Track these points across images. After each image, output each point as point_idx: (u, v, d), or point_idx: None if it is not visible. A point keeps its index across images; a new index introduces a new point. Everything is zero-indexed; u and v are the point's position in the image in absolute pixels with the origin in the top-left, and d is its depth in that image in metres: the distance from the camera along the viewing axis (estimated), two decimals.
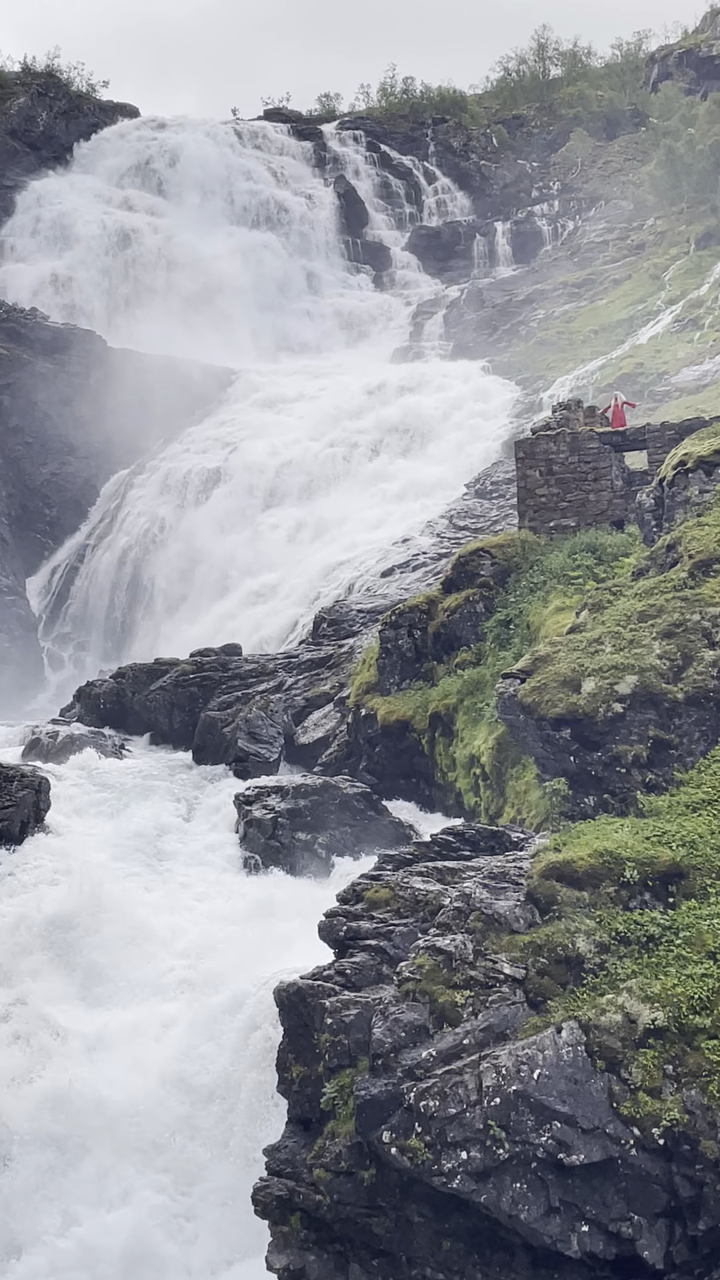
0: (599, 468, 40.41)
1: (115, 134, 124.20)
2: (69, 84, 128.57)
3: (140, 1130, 24.82)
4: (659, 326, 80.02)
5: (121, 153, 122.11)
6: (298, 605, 64.63)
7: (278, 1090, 21.63)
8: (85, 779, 41.20)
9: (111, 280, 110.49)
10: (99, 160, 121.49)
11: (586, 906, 21.14)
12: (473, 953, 20.49)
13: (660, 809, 24.43)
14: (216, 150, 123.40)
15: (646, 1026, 19.27)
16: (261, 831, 35.94)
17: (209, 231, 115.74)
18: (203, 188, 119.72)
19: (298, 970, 22.69)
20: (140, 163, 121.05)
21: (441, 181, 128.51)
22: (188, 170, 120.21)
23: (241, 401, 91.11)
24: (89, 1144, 24.73)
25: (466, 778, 35.89)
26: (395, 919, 22.16)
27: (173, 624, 73.93)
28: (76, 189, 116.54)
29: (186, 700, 49.54)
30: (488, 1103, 18.71)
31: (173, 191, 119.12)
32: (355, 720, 41.99)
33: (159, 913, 31.54)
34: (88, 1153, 24.63)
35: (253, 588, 70.32)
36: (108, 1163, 24.49)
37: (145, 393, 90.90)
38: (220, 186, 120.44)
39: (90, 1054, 26.42)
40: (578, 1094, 18.81)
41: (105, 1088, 25.53)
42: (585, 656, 27.68)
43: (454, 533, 62.32)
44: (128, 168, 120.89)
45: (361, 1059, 20.01)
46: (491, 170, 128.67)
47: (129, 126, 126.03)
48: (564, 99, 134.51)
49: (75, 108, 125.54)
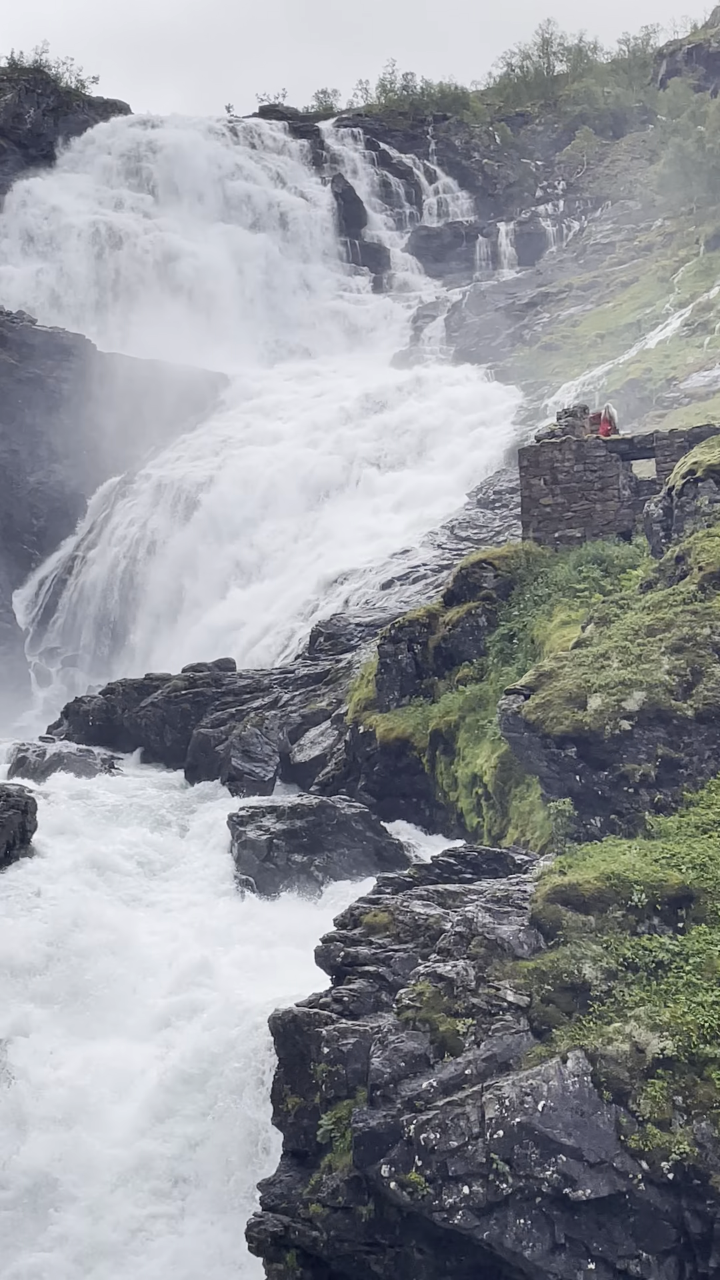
0: (605, 477, 40.45)
1: (105, 131, 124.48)
2: (57, 80, 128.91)
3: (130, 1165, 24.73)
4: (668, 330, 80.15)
5: (112, 151, 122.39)
6: (294, 619, 64.66)
7: (272, 1122, 21.58)
8: (73, 799, 41.15)
9: (101, 283, 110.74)
10: (89, 158, 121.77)
11: (593, 931, 21.12)
12: (475, 979, 20.46)
13: (669, 830, 24.41)
14: (210, 148, 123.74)
15: (655, 1056, 19.24)
16: (256, 853, 35.90)
17: (202, 232, 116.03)
18: (196, 187, 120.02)
19: (293, 998, 22.65)
20: (131, 161, 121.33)
21: (443, 181, 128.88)
22: (180, 169, 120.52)
23: (236, 408, 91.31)
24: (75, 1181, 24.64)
25: (468, 798, 35.87)
26: (394, 944, 22.14)
27: (164, 638, 73.98)
28: (65, 188, 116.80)
29: (179, 717, 49.54)
30: (490, 1135, 18.68)
31: (165, 191, 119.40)
32: (353, 738, 41.97)
33: (149, 938, 31.49)
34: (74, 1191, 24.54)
35: (247, 601, 70.34)
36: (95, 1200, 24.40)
37: (136, 399, 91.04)
38: (214, 186, 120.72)
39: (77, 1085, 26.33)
40: (584, 1126, 18.77)
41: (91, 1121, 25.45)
42: (591, 672, 27.67)
43: (455, 544, 62.38)
44: (118, 166, 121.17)
45: (360, 1090, 19.98)
46: (494, 169, 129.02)
47: (120, 124, 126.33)
48: (569, 96, 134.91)
49: (64, 104, 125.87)
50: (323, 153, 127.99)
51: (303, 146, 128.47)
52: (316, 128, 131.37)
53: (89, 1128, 25.33)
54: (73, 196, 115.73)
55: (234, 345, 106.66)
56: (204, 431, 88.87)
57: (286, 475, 79.16)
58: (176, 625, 74.16)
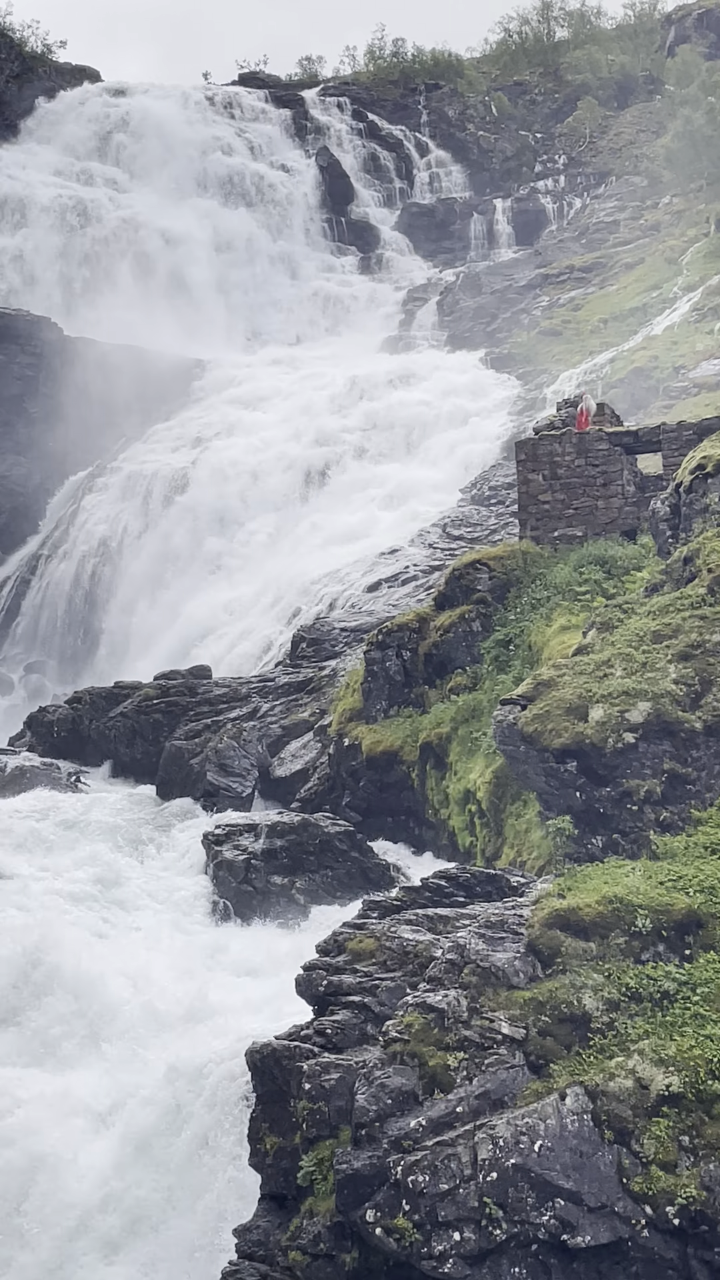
0: (608, 472, 40.54)
1: (73, 100, 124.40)
2: (22, 45, 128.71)
3: (93, 1207, 24.65)
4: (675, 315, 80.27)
5: (80, 121, 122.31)
6: (274, 623, 64.65)
7: (249, 1163, 21.56)
8: (36, 816, 41.09)
9: (68, 261, 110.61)
10: (55, 129, 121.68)
11: (594, 959, 21.15)
12: (467, 1010, 20.47)
13: (675, 850, 24.46)
14: (185, 118, 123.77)
15: (660, 1093, 19.26)
16: (233, 874, 35.91)
17: (177, 208, 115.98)
18: (170, 160, 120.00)
19: (272, 1030, 22.63)
20: (101, 132, 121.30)
21: (435, 154, 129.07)
22: (153, 140, 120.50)
23: (213, 396, 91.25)
24: (32, 1228, 24.56)
25: (461, 815, 35.90)
26: (381, 972, 22.14)
27: (135, 644, 73.87)
28: (30, 160, 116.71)
29: (150, 728, 49.54)
30: (483, 1178, 18.68)
31: (137, 164, 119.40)
32: (337, 751, 42.00)
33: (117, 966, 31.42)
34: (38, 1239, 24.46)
35: (224, 603, 70.28)
36: (55, 1247, 24.31)
37: (105, 386, 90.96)
38: (189, 158, 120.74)
39: (35, 1122, 26.23)
40: (583, 1168, 18.78)
41: (53, 1165, 25.36)
42: (593, 681, 27.72)
43: (448, 543, 62.44)
44: (87, 137, 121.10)
45: (343, 1129, 19.97)
46: (490, 142, 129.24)
47: (89, 92, 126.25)
48: (571, 64, 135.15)
49: (29, 70, 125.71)
50: (307, 124, 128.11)
51: (285, 117, 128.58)
52: (300, 97, 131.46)
53: (49, 1168, 25.26)
54: (37, 169, 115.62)
55: (211, 329, 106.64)
56: (179, 422, 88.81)
57: (267, 469, 79.14)
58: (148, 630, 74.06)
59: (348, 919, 24.57)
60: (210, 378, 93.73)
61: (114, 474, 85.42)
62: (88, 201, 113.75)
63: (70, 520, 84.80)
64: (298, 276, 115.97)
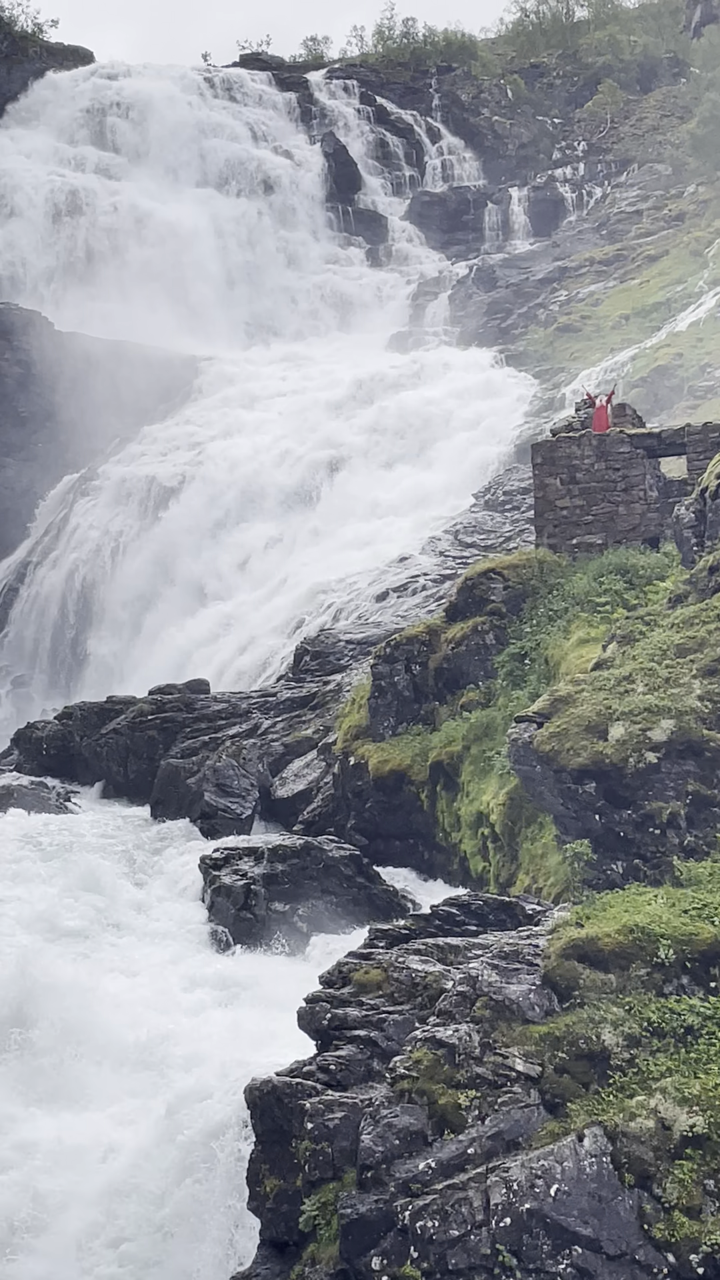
0: (630, 476, 40.56)
1: (65, 82, 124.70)
2: (11, 23, 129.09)
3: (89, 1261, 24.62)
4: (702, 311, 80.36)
5: (72, 104, 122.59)
6: (276, 634, 64.71)
7: (248, 1207, 21.53)
8: (23, 838, 41.13)
9: (59, 252, 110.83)
10: (46, 112, 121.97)
11: (614, 992, 21.13)
12: (479, 1046, 20.46)
13: (700, 877, 24.45)
14: (184, 101, 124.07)
15: (684, 1134, 19.24)
16: (232, 901, 35.90)
17: (174, 196, 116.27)
18: (168, 145, 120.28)
19: (273, 1066, 22.61)
20: (94, 116, 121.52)
21: (447, 140, 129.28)
22: (150, 125, 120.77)
23: (211, 395, 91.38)
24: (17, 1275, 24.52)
25: (473, 839, 35.91)
26: (388, 1005, 22.13)
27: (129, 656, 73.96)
28: (19, 145, 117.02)
29: (144, 746, 49.61)
30: (496, 1223, 18.66)
31: (132, 149, 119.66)
32: (343, 770, 42.01)
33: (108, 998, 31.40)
34: None
35: (223, 614, 70.37)
36: None
37: (99, 384, 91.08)
38: (188, 144, 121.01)
39: (24, 1170, 26.18)
40: (602, 1213, 18.76)
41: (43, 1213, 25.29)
42: (613, 697, 27.73)
43: (460, 551, 62.50)
44: (79, 121, 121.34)
45: (348, 1171, 19.95)
46: (505, 128, 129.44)
47: (82, 73, 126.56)
48: (591, 45, 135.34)
49: (19, 50, 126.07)
50: (312, 108, 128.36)
51: (289, 100, 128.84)
52: (305, 79, 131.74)
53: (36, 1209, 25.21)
54: (27, 155, 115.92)
55: (210, 325, 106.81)
56: (175, 422, 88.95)
57: (269, 473, 79.24)
58: (143, 641, 74.15)
59: (353, 948, 24.55)
60: (209, 375, 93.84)
61: (107, 477, 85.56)
62: (80, 189, 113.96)
63: (61, 526, 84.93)
64: (302, 269, 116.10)
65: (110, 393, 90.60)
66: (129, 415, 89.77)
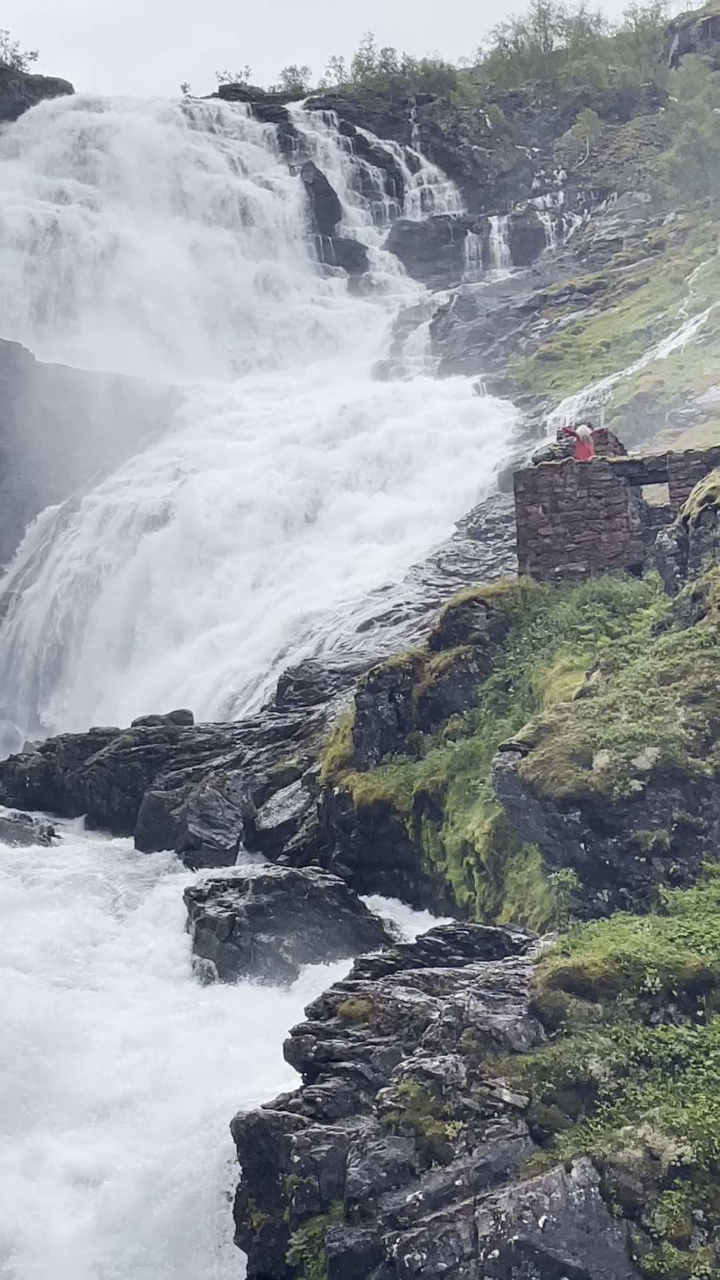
0: (612, 504, 40.64)
1: (45, 114, 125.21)
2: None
3: None
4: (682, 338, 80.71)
5: (53, 135, 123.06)
6: (259, 664, 64.67)
7: (235, 1242, 21.45)
8: (5, 871, 40.98)
9: (40, 284, 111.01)
10: (26, 144, 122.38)
11: (600, 1021, 21.11)
12: (466, 1077, 20.42)
13: (686, 905, 24.44)
14: (164, 133, 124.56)
15: (672, 1164, 19.21)
16: (216, 933, 35.80)
17: (155, 227, 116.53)
18: (148, 176, 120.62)
19: (259, 1098, 22.55)
20: (75, 147, 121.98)
21: (427, 170, 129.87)
22: (130, 156, 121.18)
23: (193, 426, 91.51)
24: None
25: (458, 868, 35.86)
26: (375, 1036, 22.09)
27: (112, 688, 73.85)
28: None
29: (128, 777, 49.49)
30: (485, 1255, 18.60)
31: (112, 181, 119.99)
32: (327, 800, 41.95)
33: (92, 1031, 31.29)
34: None
35: (206, 645, 70.34)
36: None
37: (80, 416, 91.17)
38: (168, 175, 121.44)
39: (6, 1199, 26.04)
40: (591, 1245, 18.71)
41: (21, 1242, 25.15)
42: (598, 725, 27.74)
43: (443, 579, 62.56)
44: (60, 153, 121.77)
45: (335, 1204, 19.89)
46: (485, 157, 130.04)
47: (62, 105, 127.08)
48: (569, 74, 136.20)
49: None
50: (291, 138, 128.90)
51: (269, 131, 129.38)
52: (284, 110, 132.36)
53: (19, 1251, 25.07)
54: (7, 187, 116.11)
55: (192, 355, 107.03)
56: (158, 453, 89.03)
57: (251, 502, 79.30)
58: (126, 673, 74.06)
59: (339, 979, 24.55)
60: (191, 405, 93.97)
61: (90, 508, 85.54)
62: (60, 220, 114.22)
63: (43, 557, 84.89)
64: (283, 298, 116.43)
65: (92, 424, 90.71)
66: (111, 446, 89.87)
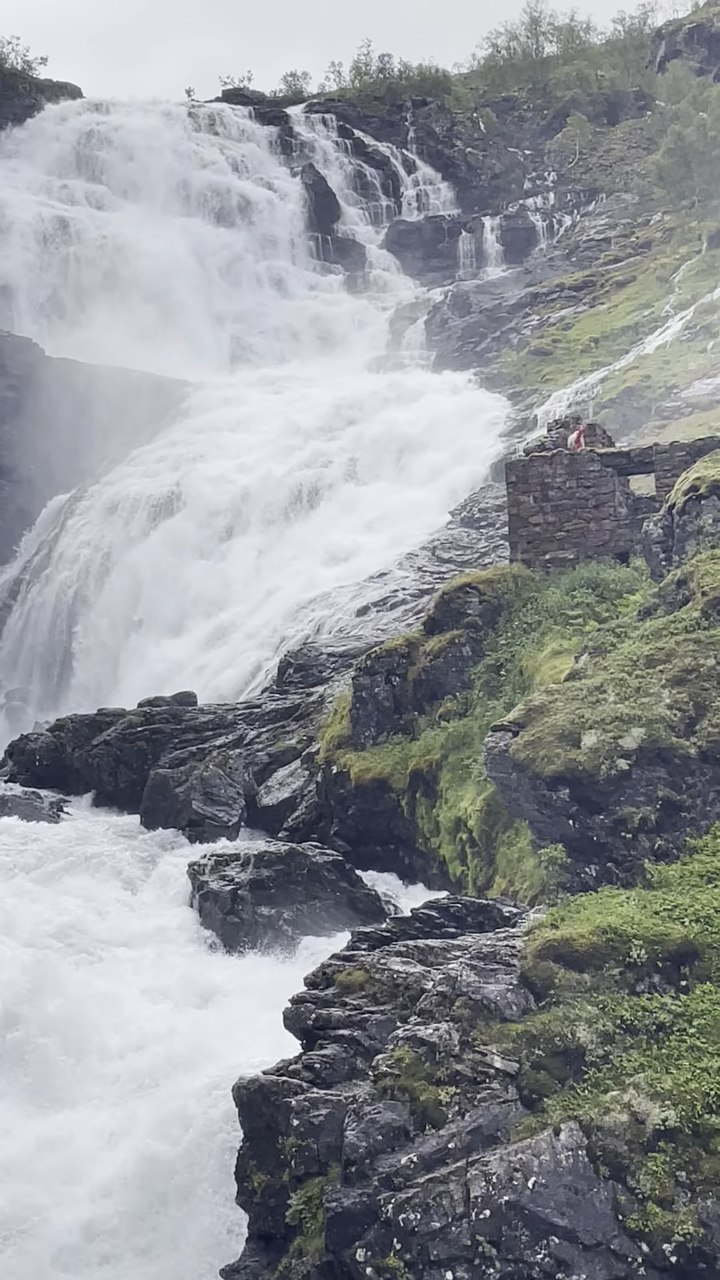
0: (600, 493, 40.61)
1: (54, 116, 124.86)
2: (2, 61, 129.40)
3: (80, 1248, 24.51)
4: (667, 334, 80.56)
5: (61, 137, 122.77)
6: (261, 648, 64.65)
7: (237, 1202, 21.46)
8: (17, 846, 40.99)
9: (49, 281, 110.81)
10: (35, 146, 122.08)
11: (588, 991, 21.12)
12: (459, 1044, 20.43)
13: (671, 879, 24.45)
14: (169, 135, 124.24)
15: (656, 1127, 19.22)
16: (219, 906, 35.82)
17: (160, 226, 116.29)
18: (153, 177, 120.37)
19: (259, 1065, 22.56)
20: (82, 149, 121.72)
21: (422, 171, 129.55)
22: (136, 157, 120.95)
23: (197, 418, 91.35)
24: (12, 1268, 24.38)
25: (451, 844, 35.86)
26: (371, 1005, 22.09)
27: (119, 670, 73.82)
28: (9, 178, 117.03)
29: (134, 756, 49.48)
30: (476, 1215, 18.62)
31: (119, 181, 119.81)
32: (325, 779, 41.96)
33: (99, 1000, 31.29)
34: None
35: (210, 629, 70.31)
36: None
37: (87, 408, 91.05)
38: (172, 176, 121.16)
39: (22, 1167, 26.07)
40: (578, 1205, 18.73)
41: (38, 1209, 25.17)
42: (586, 707, 27.73)
43: (437, 566, 62.53)
44: (68, 154, 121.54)
45: (332, 1166, 19.90)
46: (478, 159, 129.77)
47: (70, 108, 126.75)
48: (560, 79, 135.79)
49: (9, 87, 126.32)
50: (291, 141, 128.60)
51: (270, 134, 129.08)
52: (285, 113, 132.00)
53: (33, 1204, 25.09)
54: (17, 187, 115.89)
55: (195, 350, 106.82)
56: (163, 443, 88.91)
57: (252, 492, 79.20)
58: (132, 656, 74.02)
59: (336, 951, 24.52)
60: (195, 399, 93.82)
61: (97, 497, 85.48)
62: (69, 220, 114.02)
63: (52, 545, 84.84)
64: (283, 296, 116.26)
65: (100, 416, 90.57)
66: (118, 438, 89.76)
